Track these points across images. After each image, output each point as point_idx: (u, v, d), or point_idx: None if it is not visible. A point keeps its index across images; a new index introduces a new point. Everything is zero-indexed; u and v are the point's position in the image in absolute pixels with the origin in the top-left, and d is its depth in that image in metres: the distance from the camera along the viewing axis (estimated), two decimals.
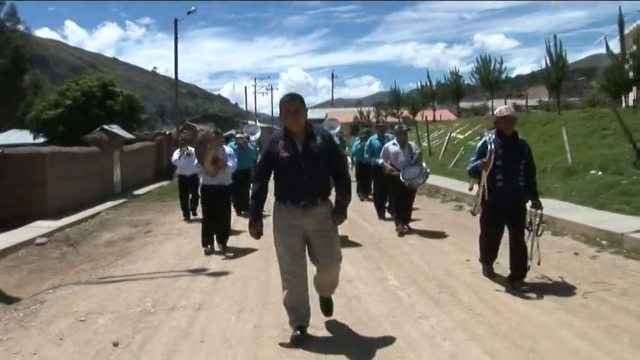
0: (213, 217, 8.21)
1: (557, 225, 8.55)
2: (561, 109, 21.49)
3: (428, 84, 35.91)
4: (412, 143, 10.06)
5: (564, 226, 8.50)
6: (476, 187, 5.97)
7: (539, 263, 5.60)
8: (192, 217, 11.89)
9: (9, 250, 9.20)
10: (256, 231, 4.37)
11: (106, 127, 18.85)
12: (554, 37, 20.94)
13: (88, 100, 26.91)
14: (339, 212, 4.30)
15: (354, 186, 13.15)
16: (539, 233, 5.68)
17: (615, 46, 18.71)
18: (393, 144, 9.50)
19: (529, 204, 5.72)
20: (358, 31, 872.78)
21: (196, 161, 8.32)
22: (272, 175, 4.40)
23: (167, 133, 28.21)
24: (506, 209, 5.57)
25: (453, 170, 17.55)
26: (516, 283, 5.47)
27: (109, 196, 16.43)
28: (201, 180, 8.43)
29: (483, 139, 5.80)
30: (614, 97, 18.97)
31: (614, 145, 14.03)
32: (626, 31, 20.27)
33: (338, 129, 22.66)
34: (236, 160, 8.55)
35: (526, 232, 5.64)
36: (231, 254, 7.87)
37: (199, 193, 9.21)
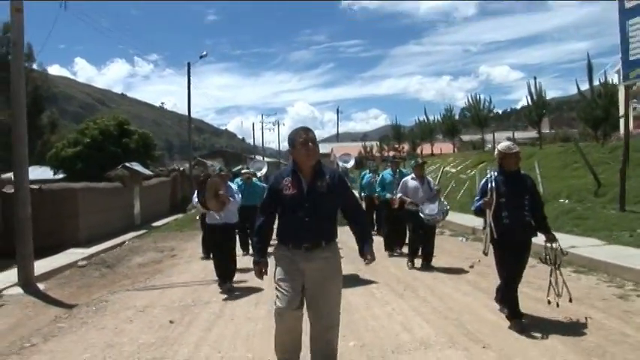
0: (221, 255, 8.09)
1: None
2: (558, 141, 23.30)
3: (426, 120, 38.06)
4: (430, 179, 9.81)
5: None
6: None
7: (570, 300, 5.52)
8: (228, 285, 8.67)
9: (55, 272, 10.82)
10: (260, 270, 4.16)
11: (127, 164, 20.78)
12: (534, 78, 22.95)
13: (106, 138, 28.69)
14: (367, 250, 4.15)
15: None
16: (558, 267, 5.57)
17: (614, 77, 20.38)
18: (412, 178, 9.27)
19: (542, 238, 5.62)
20: (363, 65, 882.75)
21: (197, 200, 8.09)
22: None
23: (181, 169, 30.12)
24: (513, 245, 5.48)
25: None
26: (517, 321, 5.43)
27: (130, 228, 18.14)
28: (207, 219, 8.34)
29: (485, 178, 5.77)
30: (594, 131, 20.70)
31: (582, 176, 15.79)
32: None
33: (351, 163, 24.24)
34: (240, 195, 8.55)
35: (545, 266, 5.73)
36: (239, 293, 7.65)
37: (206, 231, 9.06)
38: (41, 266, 10.37)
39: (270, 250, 4.28)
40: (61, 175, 29.84)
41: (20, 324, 6.81)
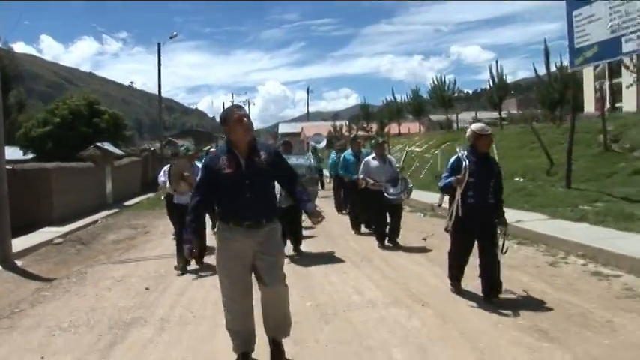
0: None
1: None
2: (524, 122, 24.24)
3: (393, 100, 38.86)
4: (392, 158, 9.71)
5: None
6: (445, 203, 6.15)
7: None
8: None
9: (32, 249, 11.24)
10: (190, 249, 4.18)
11: (99, 144, 21.08)
12: (496, 61, 23.80)
13: (76, 118, 28.83)
14: (312, 208, 4.13)
15: (331, 201, 14.99)
16: (503, 250, 5.68)
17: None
18: (373, 158, 9.27)
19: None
20: (335, 44, 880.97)
21: (166, 180, 8.28)
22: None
23: (152, 149, 30.41)
24: (476, 225, 5.61)
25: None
26: (493, 298, 5.55)
27: (102, 207, 18.52)
28: (174, 200, 8.34)
29: (456, 156, 5.77)
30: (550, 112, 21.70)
31: (537, 156, 16.65)
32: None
33: (324, 143, 24.66)
34: None
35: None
36: (209, 272, 7.40)
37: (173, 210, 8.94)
38: (17, 244, 10.73)
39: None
40: (30, 156, 29.85)
41: (3, 296, 7.27)
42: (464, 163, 5.60)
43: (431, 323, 4.96)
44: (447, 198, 6.04)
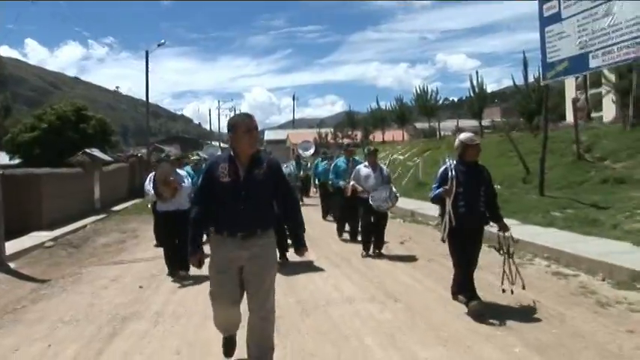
0: (173, 244, 7.93)
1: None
2: (508, 129, 24.94)
3: (377, 108, 39.57)
4: (383, 166, 9.88)
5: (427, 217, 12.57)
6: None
7: (523, 287, 5.66)
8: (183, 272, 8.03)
9: (24, 252, 11.54)
10: (197, 259, 4.05)
11: (87, 150, 21.41)
12: (477, 72, 24.56)
13: (63, 124, 28.97)
14: (301, 244, 4.26)
15: (318, 209, 15.34)
16: (511, 255, 5.77)
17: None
18: (365, 166, 9.38)
19: (495, 228, 5.83)
20: (321, 51, 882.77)
21: (151, 188, 8.19)
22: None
23: (138, 155, 30.70)
24: (467, 233, 5.60)
25: None
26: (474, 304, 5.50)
27: (91, 212, 18.76)
28: (157, 207, 8.37)
29: (444, 166, 5.75)
30: (529, 122, 22.41)
31: (515, 164, 17.31)
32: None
33: (312, 150, 24.93)
34: (190, 181, 8.36)
35: (498, 255, 5.91)
36: (192, 281, 7.52)
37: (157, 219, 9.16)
38: (9, 247, 10.98)
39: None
40: (17, 161, 29.98)
41: (2, 295, 7.61)
42: (450, 173, 5.58)
43: (401, 316, 5.51)
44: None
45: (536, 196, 13.30)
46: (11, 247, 11.33)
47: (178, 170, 8.40)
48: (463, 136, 5.85)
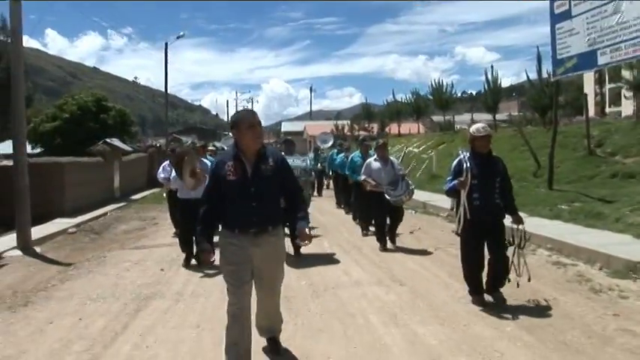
0: (191, 232, 7.38)
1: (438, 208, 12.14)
2: (526, 123, 25.17)
3: (394, 100, 39.85)
4: (394, 159, 9.78)
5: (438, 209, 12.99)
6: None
7: (529, 280, 5.67)
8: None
9: (49, 237, 12.06)
10: (207, 257, 3.99)
11: (108, 140, 21.97)
12: (492, 67, 24.73)
13: (84, 114, 29.49)
14: (304, 228, 4.09)
15: (332, 200, 15.59)
16: (522, 247, 5.74)
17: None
18: (375, 159, 9.33)
19: (509, 220, 5.75)
20: (339, 43, 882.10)
21: (174, 174, 8.24)
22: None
23: (157, 145, 31.27)
24: (484, 226, 5.53)
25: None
26: (494, 294, 5.66)
27: (111, 200, 19.28)
28: (178, 194, 8.34)
29: (458, 159, 5.73)
30: (542, 117, 22.58)
31: (527, 158, 17.53)
32: None
33: (330, 142, 25.03)
34: None
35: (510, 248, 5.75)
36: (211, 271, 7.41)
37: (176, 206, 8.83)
38: (34, 233, 11.47)
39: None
40: (38, 150, 30.63)
41: (28, 277, 8.11)
42: (464, 164, 5.55)
43: (404, 298, 5.91)
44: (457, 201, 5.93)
45: (545, 189, 13.56)
46: (36, 232, 11.79)
47: (203, 159, 8.41)
48: (472, 127, 5.89)
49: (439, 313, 5.33)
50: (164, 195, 11.13)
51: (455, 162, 5.79)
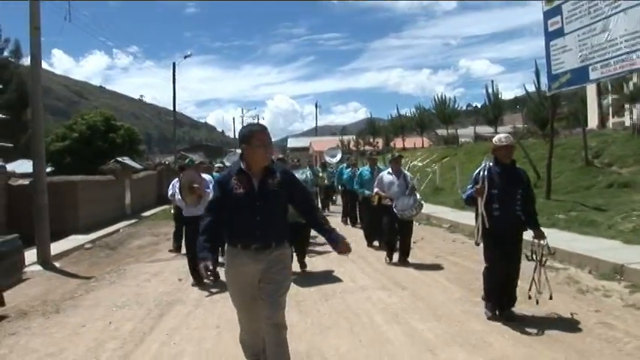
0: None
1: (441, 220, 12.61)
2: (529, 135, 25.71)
3: (398, 115, 40.53)
4: (407, 172, 9.78)
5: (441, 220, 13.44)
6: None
7: (550, 297, 5.63)
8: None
9: (65, 253, 12.59)
10: (205, 267, 3.77)
11: (119, 159, 22.60)
12: (492, 81, 25.33)
13: (93, 133, 30.03)
14: (339, 240, 4.03)
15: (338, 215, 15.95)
16: (543, 264, 5.66)
17: None
18: (389, 173, 9.23)
19: (530, 234, 5.70)
20: (343, 59, 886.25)
21: (178, 193, 8.15)
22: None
23: (166, 163, 31.90)
24: (504, 238, 5.46)
25: None
26: (505, 312, 5.53)
27: (122, 217, 19.83)
28: (183, 212, 8.29)
29: (479, 168, 5.67)
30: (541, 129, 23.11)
31: (527, 170, 17.94)
32: None
33: (338, 157, 25.34)
34: None
35: (529, 262, 5.78)
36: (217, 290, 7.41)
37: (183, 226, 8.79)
38: (52, 249, 11.94)
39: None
40: (49, 169, 31.14)
41: (52, 290, 8.64)
42: (482, 173, 5.51)
43: (406, 300, 6.45)
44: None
45: (543, 199, 14.02)
46: (54, 248, 12.22)
47: (204, 175, 8.39)
48: (495, 137, 5.81)
49: (437, 312, 5.85)
50: (171, 212, 11.38)
51: (476, 171, 5.74)
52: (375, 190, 9.26)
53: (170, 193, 9.32)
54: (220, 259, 6.87)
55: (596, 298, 6.22)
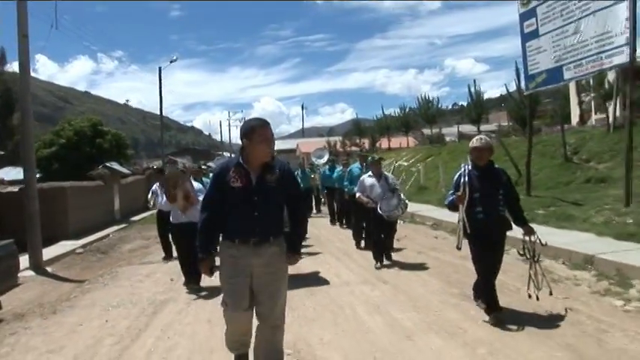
0: (188, 257, 7.57)
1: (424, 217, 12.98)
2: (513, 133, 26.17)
3: (383, 116, 40.99)
4: (388, 174, 9.69)
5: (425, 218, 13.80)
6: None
7: (550, 293, 5.68)
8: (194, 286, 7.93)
9: (57, 258, 12.76)
10: (207, 266, 3.98)
11: (107, 164, 22.76)
12: (474, 81, 25.83)
13: (80, 139, 30.09)
14: (295, 250, 4.07)
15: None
16: (537, 260, 5.66)
17: None
18: (369, 176, 9.19)
19: (520, 231, 5.66)
20: (329, 60, 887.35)
21: (164, 198, 8.24)
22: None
23: (154, 167, 31.98)
24: (489, 240, 5.43)
25: None
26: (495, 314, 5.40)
27: (111, 222, 19.94)
28: (171, 219, 8.16)
29: (459, 172, 5.57)
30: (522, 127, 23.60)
31: (508, 168, 18.36)
32: None
33: (326, 158, 25.61)
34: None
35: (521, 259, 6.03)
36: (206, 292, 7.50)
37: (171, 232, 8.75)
38: (44, 254, 12.12)
39: None
40: (37, 176, 31.10)
41: (47, 293, 8.88)
42: (462, 179, 5.43)
43: (387, 293, 6.83)
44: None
45: (524, 196, 14.41)
46: (45, 254, 12.36)
47: (194, 183, 8.20)
48: (473, 139, 5.75)
49: (416, 303, 6.23)
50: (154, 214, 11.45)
51: (456, 176, 5.64)
52: (357, 194, 9.25)
53: (150, 197, 10.06)
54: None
55: (567, 286, 6.63)
